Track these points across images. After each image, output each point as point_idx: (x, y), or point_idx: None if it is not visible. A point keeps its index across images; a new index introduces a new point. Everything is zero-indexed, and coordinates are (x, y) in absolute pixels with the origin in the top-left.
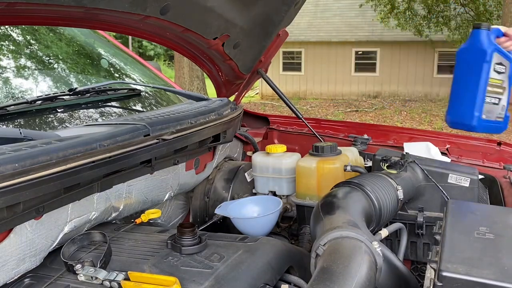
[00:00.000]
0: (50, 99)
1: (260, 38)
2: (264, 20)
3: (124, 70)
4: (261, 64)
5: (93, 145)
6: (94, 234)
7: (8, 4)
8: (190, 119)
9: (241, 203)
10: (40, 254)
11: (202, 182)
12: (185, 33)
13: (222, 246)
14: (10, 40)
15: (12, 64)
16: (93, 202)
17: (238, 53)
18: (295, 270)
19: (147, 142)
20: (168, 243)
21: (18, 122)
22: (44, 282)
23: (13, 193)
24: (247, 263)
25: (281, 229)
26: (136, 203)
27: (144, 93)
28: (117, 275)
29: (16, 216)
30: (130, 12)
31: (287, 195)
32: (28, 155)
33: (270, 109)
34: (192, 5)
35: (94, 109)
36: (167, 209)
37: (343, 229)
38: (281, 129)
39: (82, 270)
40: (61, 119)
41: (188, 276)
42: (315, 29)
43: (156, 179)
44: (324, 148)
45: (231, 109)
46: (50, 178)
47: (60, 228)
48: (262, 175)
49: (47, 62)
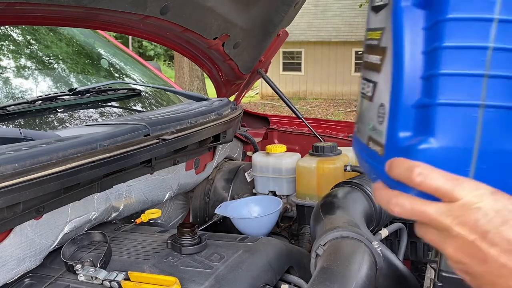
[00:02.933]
0: (50, 99)
1: (260, 38)
2: (264, 20)
3: (124, 70)
4: (261, 64)
5: (93, 145)
6: (94, 234)
7: (8, 4)
8: (190, 119)
9: (241, 203)
10: (40, 254)
11: (202, 182)
12: (185, 33)
13: (222, 246)
14: (10, 40)
15: (12, 64)
16: (93, 202)
17: (238, 53)
18: (295, 270)
19: (147, 142)
20: (168, 243)
21: (18, 122)
22: (44, 282)
23: (13, 193)
24: (247, 263)
25: (281, 229)
26: (136, 203)
27: (144, 93)
28: (117, 275)
29: (16, 216)
30: (130, 12)
31: (287, 195)
32: (28, 155)
33: (270, 109)
34: (192, 5)
35: (94, 109)
36: (167, 209)
37: (343, 229)
38: (281, 129)
39: (82, 270)
40: (61, 119)
41: (188, 276)
42: (315, 29)
43: (156, 179)
44: (324, 148)
45: (231, 109)
46: (50, 178)
47: (60, 228)
48: (262, 175)
49: (47, 62)
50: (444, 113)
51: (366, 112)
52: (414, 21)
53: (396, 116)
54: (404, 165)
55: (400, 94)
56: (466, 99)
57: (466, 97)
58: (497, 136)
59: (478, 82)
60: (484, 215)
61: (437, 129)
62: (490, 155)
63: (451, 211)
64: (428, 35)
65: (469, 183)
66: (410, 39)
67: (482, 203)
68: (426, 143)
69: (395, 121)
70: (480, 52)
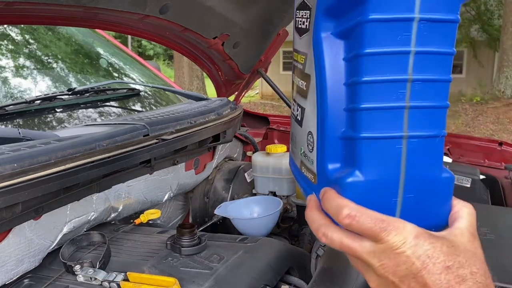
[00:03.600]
0: (49, 99)
1: (260, 38)
2: (264, 19)
3: (123, 69)
4: (261, 64)
5: (92, 145)
6: (93, 234)
7: (7, 4)
8: (190, 119)
9: (241, 203)
10: (39, 255)
11: (202, 182)
12: (185, 33)
13: (222, 247)
14: (9, 39)
15: (10, 64)
16: (92, 202)
17: (238, 53)
18: (295, 271)
19: (147, 142)
20: (168, 243)
21: (17, 122)
22: (43, 282)
23: (12, 193)
24: (247, 264)
25: (281, 229)
26: (135, 203)
27: (143, 93)
28: (116, 276)
29: (15, 216)
30: (129, 12)
31: (287, 196)
32: (27, 155)
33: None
34: (192, 4)
35: (93, 109)
36: (167, 210)
37: None
38: (281, 129)
39: (81, 271)
40: (60, 119)
41: (187, 277)
42: None
43: (155, 180)
44: None
45: (231, 109)
46: (49, 178)
47: (59, 228)
48: (262, 175)
49: (46, 62)
50: (368, 146)
51: (297, 135)
52: (335, 50)
53: (323, 148)
54: (334, 203)
55: (326, 125)
56: (389, 131)
57: (389, 129)
58: (421, 164)
59: (399, 114)
60: (404, 261)
61: (363, 162)
62: (416, 184)
63: (375, 252)
64: (349, 66)
65: (395, 225)
66: (332, 70)
67: (405, 248)
68: (353, 177)
69: (323, 153)
70: (400, 85)
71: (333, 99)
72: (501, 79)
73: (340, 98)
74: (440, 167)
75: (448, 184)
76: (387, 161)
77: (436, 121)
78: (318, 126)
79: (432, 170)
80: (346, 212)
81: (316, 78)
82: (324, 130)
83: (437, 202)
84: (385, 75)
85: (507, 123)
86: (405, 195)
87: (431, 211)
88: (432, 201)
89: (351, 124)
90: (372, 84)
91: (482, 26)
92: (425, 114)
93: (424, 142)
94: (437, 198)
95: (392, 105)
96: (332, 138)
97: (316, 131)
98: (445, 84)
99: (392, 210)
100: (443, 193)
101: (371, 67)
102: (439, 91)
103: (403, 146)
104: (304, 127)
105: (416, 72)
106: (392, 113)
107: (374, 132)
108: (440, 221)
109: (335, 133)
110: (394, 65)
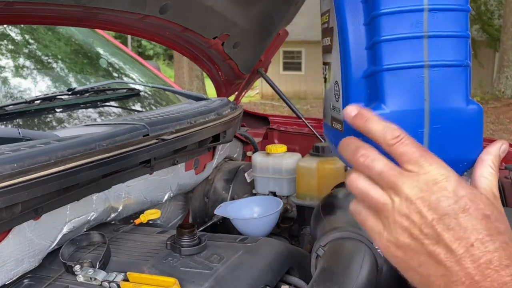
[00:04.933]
0: (49, 99)
1: (260, 38)
2: (264, 19)
3: (123, 69)
4: (261, 64)
5: (92, 145)
6: (93, 234)
7: (6, 4)
8: (190, 119)
9: (241, 203)
10: (39, 255)
11: (202, 182)
12: (185, 33)
13: (222, 247)
14: (9, 39)
15: (10, 64)
16: (92, 202)
17: (238, 53)
18: (295, 271)
19: (146, 142)
20: (168, 244)
21: (17, 122)
22: (43, 283)
23: (12, 193)
24: (247, 264)
25: (281, 230)
26: (135, 203)
27: (143, 92)
28: (116, 276)
29: (14, 216)
30: (129, 12)
31: (287, 196)
32: (27, 155)
33: (270, 109)
34: (192, 4)
35: (93, 109)
36: (167, 210)
37: (344, 229)
38: (281, 129)
39: (81, 271)
40: (60, 119)
41: (187, 277)
42: (315, 29)
43: (155, 180)
44: (324, 148)
45: (231, 109)
46: (49, 179)
47: (59, 228)
48: (262, 175)
49: (46, 62)
50: (391, 78)
51: (327, 94)
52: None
53: (347, 89)
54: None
55: (349, 66)
56: (410, 61)
57: (410, 59)
58: (445, 94)
59: (419, 43)
60: (447, 197)
61: (387, 94)
62: (442, 114)
63: (418, 182)
64: (366, 6)
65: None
66: (352, 13)
67: (447, 183)
68: (378, 110)
69: (348, 94)
70: (417, 14)
71: (354, 40)
72: (501, 79)
73: (360, 39)
74: (466, 98)
75: (476, 116)
76: (411, 92)
77: (457, 50)
78: (342, 71)
79: (457, 101)
80: (396, 134)
81: (337, 25)
82: (347, 72)
83: (465, 134)
84: (402, 6)
85: (507, 123)
86: (432, 125)
87: (460, 144)
88: (460, 133)
89: (373, 60)
90: (390, 16)
91: (482, 26)
92: (445, 43)
93: (446, 72)
94: (465, 131)
95: (411, 35)
96: (356, 79)
97: (340, 77)
98: (464, 14)
99: (419, 141)
100: (471, 125)
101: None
102: (457, 21)
103: (425, 75)
104: (331, 80)
105: (431, 1)
106: (411, 43)
107: (395, 63)
108: (469, 155)
109: (358, 73)
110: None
